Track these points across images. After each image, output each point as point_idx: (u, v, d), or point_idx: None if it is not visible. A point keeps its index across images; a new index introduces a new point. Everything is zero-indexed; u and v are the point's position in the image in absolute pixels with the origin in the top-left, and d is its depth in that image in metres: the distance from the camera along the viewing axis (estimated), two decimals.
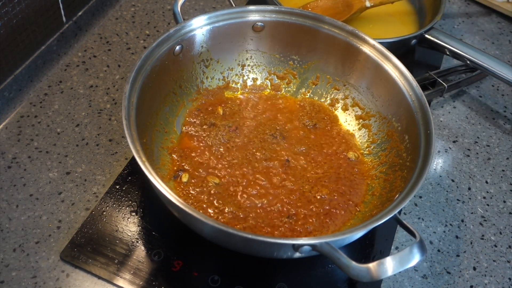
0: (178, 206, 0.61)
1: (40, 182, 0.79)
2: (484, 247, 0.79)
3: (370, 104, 0.84)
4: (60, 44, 0.94)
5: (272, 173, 0.78)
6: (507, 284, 0.75)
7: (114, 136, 0.86)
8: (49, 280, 0.69)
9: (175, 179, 0.76)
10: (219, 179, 0.76)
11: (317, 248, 0.59)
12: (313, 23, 0.83)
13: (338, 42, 0.84)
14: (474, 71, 0.99)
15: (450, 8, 1.19)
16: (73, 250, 0.71)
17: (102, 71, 0.95)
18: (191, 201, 0.74)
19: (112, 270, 0.70)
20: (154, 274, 0.70)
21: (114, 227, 0.74)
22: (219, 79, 0.88)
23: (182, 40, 0.79)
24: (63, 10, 0.92)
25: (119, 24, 1.03)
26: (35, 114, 0.87)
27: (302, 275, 0.72)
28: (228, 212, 0.73)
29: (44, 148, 0.83)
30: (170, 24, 1.05)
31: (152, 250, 0.72)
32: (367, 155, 0.82)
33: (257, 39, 0.86)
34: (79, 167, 0.81)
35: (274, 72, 0.90)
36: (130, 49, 0.99)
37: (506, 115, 0.98)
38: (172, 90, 0.82)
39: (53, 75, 0.93)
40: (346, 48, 0.83)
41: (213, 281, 0.70)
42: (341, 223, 0.74)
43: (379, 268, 0.57)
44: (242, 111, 0.86)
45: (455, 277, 0.75)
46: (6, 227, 0.73)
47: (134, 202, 0.77)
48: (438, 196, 0.84)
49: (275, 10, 0.84)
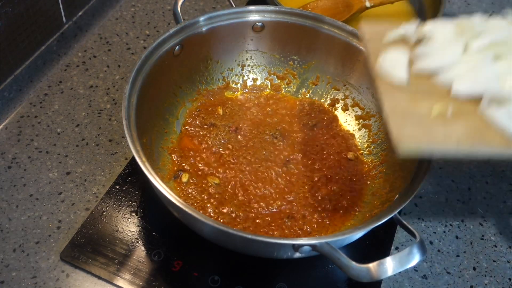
0: (178, 206, 0.61)
1: (40, 182, 0.79)
2: (484, 247, 0.79)
3: (370, 104, 0.84)
4: (60, 44, 0.94)
5: (272, 173, 0.78)
6: (507, 284, 0.75)
7: (114, 136, 0.86)
8: (49, 280, 0.69)
9: (175, 179, 0.76)
10: (219, 179, 0.77)
11: (317, 248, 0.59)
12: (313, 23, 0.83)
13: (338, 42, 0.84)
14: None
15: (450, 8, 1.19)
16: (73, 250, 0.71)
17: (102, 71, 0.95)
18: (191, 201, 0.74)
19: (112, 270, 0.70)
20: (154, 274, 0.70)
21: (114, 227, 0.74)
22: (219, 79, 0.88)
23: (182, 41, 0.79)
24: (63, 10, 0.92)
25: (119, 24, 1.03)
26: (35, 114, 0.87)
27: (302, 275, 0.72)
28: (228, 212, 0.73)
29: (44, 148, 0.83)
30: (170, 24, 1.05)
31: (152, 250, 0.72)
32: (367, 155, 0.82)
33: (257, 39, 0.86)
34: (79, 167, 0.81)
35: (274, 72, 0.90)
36: (130, 49, 0.99)
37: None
38: (172, 90, 0.82)
39: (53, 75, 0.93)
40: (346, 48, 0.83)
41: (213, 281, 0.70)
42: (341, 223, 0.74)
43: (379, 268, 0.57)
44: (242, 111, 0.86)
45: (455, 277, 0.75)
46: (6, 227, 0.73)
47: (134, 202, 0.77)
48: (438, 196, 0.84)
49: (275, 10, 0.84)
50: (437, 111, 0.61)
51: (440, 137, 0.58)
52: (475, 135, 0.59)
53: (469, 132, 0.59)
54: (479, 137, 0.58)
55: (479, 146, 0.58)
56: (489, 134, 0.59)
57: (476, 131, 0.59)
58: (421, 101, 0.62)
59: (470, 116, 0.60)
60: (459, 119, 0.60)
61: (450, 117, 0.60)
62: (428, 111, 0.61)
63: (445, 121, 0.60)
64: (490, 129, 0.59)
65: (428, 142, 0.58)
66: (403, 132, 0.58)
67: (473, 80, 0.62)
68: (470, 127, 0.59)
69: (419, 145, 0.58)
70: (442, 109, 0.61)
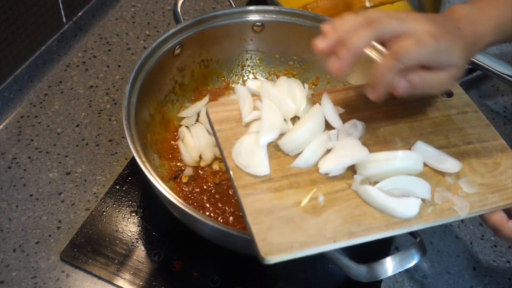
0: (178, 206, 0.61)
1: (40, 183, 0.79)
2: (484, 247, 0.79)
3: None
4: (60, 45, 0.94)
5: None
6: (507, 284, 0.75)
7: (114, 136, 0.86)
8: (49, 281, 0.69)
9: (175, 179, 0.76)
10: (219, 179, 0.76)
11: None
12: (313, 23, 0.83)
13: None
14: (474, 71, 0.99)
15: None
16: (73, 250, 0.71)
17: (102, 72, 0.95)
18: (191, 201, 0.74)
19: (112, 270, 0.70)
20: (154, 274, 0.70)
21: (114, 227, 0.74)
22: (219, 79, 0.88)
23: (182, 41, 0.79)
24: (63, 10, 0.92)
25: (119, 25, 1.03)
26: (35, 114, 0.87)
27: (302, 275, 0.72)
28: (228, 212, 0.73)
29: (44, 148, 0.83)
30: (170, 24, 1.05)
31: (152, 250, 0.72)
32: None
33: (257, 39, 0.86)
34: (79, 167, 0.81)
35: (274, 73, 0.90)
36: (130, 49, 0.99)
37: (506, 115, 0.98)
38: (172, 90, 0.82)
39: (53, 75, 0.93)
40: None
41: (213, 281, 0.70)
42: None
43: (379, 268, 0.57)
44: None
45: (455, 277, 0.75)
46: (6, 227, 0.73)
47: (134, 202, 0.77)
48: None
49: (275, 10, 0.84)
50: (306, 202, 0.54)
51: (314, 233, 0.51)
52: (352, 221, 0.53)
53: (344, 219, 0.53)
54: (357, 222, 0.53)
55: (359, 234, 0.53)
56: (366, 216, 0.54)
57: (352, 217, 0.53)
58: (287, 194, 0.54)
59: (343, 201, 0.55)
60: (332, 206, 0.54)
61: (322, 206, 0.54)
62: (297, 203, 0.53)
63: (316, 212, 0.53)
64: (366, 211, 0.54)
65: (300, 244, 0.50)
66: (269, 237, 0.50)
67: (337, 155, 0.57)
68: (345, 214, 0.53)
69: (288, 252, 0.49)
70: (312, 198, 0.54)
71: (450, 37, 0.55)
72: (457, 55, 0.56)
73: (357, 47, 0.52)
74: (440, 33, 0.54)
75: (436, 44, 0.53)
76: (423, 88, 0.56)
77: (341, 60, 0.52)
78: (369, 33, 0.52)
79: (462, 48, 0.57)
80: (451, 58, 0.56)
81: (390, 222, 0.54)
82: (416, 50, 0.52)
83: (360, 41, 0.52)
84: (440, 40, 0.54)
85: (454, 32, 0.57)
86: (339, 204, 0.54)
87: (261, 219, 0.51)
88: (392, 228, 0.54)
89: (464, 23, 0.59)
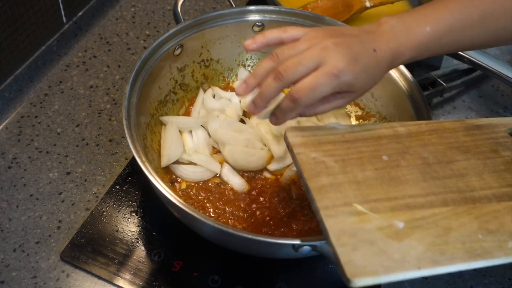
0: (178, 206, 0.61)
1: (40, 182, 0.79)
2: None
3: (370, 104, 0.84)
4: (60, 44, 0.94)
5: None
6: (507, 284, 0.75)
7: (114, 136, 0.86)
8: (49, 280, 0.69)
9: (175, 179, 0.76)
10: (219, 179, 0.77)
11: (317, 249, 0.59)
12: (313, 23, 0.83)
13: None
14: (474, 71, 0.99)
15: None
16: (73, 250, 0.71)
17: (102, 72, 0.95)
18: (191, 201, 0.74)
19: (112, 270, 0.70)
20: (154, 274, 0.70)
21: (114, 227, 0.74)
22: (219, 79, 0.88)
23: (182, 41, 0.79)
24: (63, 10, 0.92)
25: (119, 25, 1.03)
26: (35, 114, 0.87)
27: (302, 275, 0.72)
28: (228, 212, 0.73)
29: (44, 148, 0.83)
30: (170, 24, 1.05)
31: (152, 250, 0.72)
32: None
33: None
34: (79, 167, 0.81)
35: None
36: (130, 49, 0.99)
37: (506, 115, 0.98)
38: (172, 90, 0.82)
39: (53, 75, 0.93)
40: None
41: (213, 281, 0.70)
42: None
43: None
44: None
45: (455, 277, 0.75)
46: (6, 227, 0.74)
47: (134, 202, 0.77)
48: None
49: (275, 10, 0.84)
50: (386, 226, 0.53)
51: (398, 258, 0.50)
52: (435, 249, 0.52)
53: (427, 247, 0.52)
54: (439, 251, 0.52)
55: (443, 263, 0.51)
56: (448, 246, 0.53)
57: (435, 245, 0.52)
58: (369, 218, 0.54)
59: (423, 229, 0.54)
60: (413, 233, 0.53)
61: (403, 232, 0.53)
62: (378, 228, 0.53)
63: (398, 238, 0.52)
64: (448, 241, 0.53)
65: (385, 268, 0.49)
66: (353, 259, 0.49)
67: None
68: (427, 242, 0.52)
69: (374, 275, 0.49)
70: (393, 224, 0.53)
71: (357, 67, 0.58)
72: (359, 84, 0.59)
73: (268, 97, 0.60)
74: (347, 63, 0.57)
75: (336, 81, 0.57)
76: (317, 114, 0.62)
77: (256, 106, 0.61)
78: (278, 85, 0.58)
79: (368, 75, 0.59)
80: (350, 88, 0.59)
81: (473, 253, 0.53)
82: (310, 94, 0.57)
83: (271, 92, 0.59)
84: (342, 76, 0.57)
85: (367, 56, 0.59)
86: (420, 232, 0.54)
87: (345, 240, 0.51)
88: (475, 259, 0.53)
89: (384, 41, 0.60)
